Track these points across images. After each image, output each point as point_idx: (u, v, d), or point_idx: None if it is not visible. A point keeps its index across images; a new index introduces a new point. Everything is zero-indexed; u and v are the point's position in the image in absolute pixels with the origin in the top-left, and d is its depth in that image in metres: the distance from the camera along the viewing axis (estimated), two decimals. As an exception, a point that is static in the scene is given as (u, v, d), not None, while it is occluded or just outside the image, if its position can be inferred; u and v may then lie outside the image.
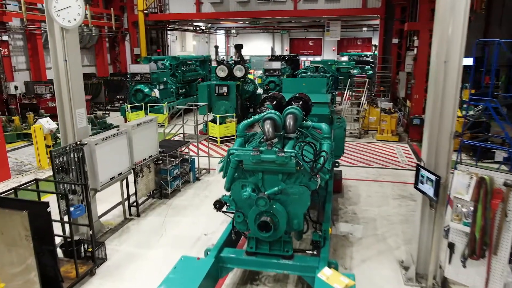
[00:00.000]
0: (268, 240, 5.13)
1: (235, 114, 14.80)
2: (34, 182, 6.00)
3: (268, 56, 31.90)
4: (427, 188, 5.20)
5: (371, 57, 30.74)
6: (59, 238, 6.09)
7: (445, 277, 5.42)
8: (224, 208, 5.26)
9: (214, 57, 33.50)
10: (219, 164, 5.51)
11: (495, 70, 10.39)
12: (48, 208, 5.06)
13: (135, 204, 8.22)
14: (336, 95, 20.43)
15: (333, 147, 6.46)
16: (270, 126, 5.26)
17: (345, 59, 30.96)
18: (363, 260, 6.52)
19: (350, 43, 45.41)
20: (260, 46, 46.22)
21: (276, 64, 20.28)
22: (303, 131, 6.03)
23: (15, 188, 5.65)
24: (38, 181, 6.02)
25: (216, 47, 35.93)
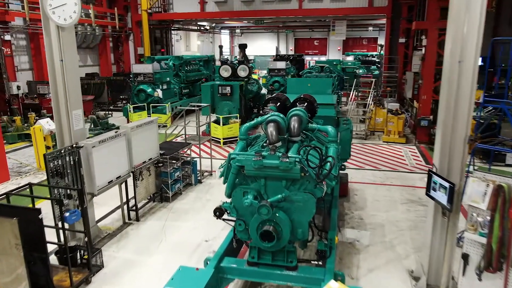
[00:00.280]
0: (270, 250, 4.86)
1: (239, 114, 14.53)
2: (28, 187, 5.77)
3: (272, 56, 31.66)
4: (440, 196, 4.90)
5: (376, 57, 30.38)
6: (54, 244, 5.85)
7: (458, 289, 5.13)
8: (224, 216, 5.00)
9: (218, 56, 33.27)
10: (219, 169, 5.25)
11: (502, 70, 10.03)
12: (40, 214, 4.82)
13: (134, 208, 7.98)
14: (342, 95, 20.16)
15: (339, 150, 6.18)
16: (273, 129, 5.00)
17: (350, 59, 30.65)
18: (370, 269, 6.22)
19: (356, 43, 45.02)
20: (264, 46, 45.96)
21: (281, 64, 19.99)
22: (308, 134, 5.76)
23: (7, 193, 5.42)
24: (32, 185, 5.79)
25: (220, 47, 35.70)
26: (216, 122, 14.33)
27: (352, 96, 17.39)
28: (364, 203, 8.84)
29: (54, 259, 6.09)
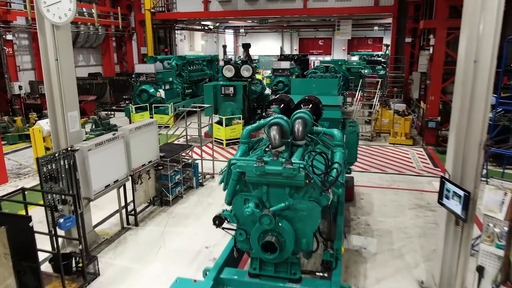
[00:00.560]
0: (273, 262, 4.58)
1: (242, 115, 14.26)
2: (21, 192, 5.53)
3: (277, 56, 31.40)
4: (454, 205, 4.61)
5: (382, 56, 30.02)
6: (47, 252, 5.61)
7: (472, 303, 4.83)
8: (224, 224, 4.74)
9: (222, 56, 33.03)
10: (220, 175, 4.99)
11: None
12: (30, 222, 4.58)
13: (133, 212, 7.73)
14: (347, 95, 19.85)
15: (346, 155, 5.90)
16: (276, 133, 4.75)
17: (355, 58, 30.34)
18: (378, 279, 5.93)
19: (361, 43, 44.64)
20: (269, 46, 45.69)
21: (285, 64, 19.73)
22: (313, 137, 5.49)
23: (-2, 198, 5.19)
24: (25, 190, 5.56)
25: (224, 47, 35.49)
26: (219, 123, 14.07)
27: (357, 96, 17.07)
28: (371, 208, 8.54)
29: (48, 267, 5.88)
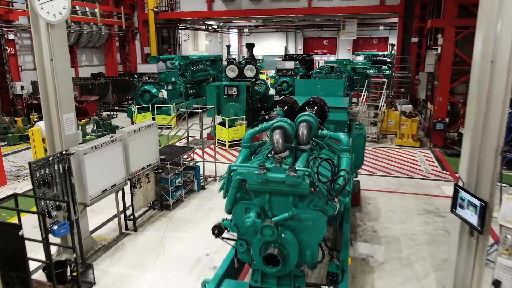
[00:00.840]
0: (275, 275, 4.32)
1: (245, 116, 14.00)
2: (13, 198, 5.30)
3: (281, 56, 31.09)
4: (469, 215, 4.32)
5: (388, 56, 29.65)
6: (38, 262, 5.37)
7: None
8: (224, 234, 4.48)
9: (226, 56, 32.81)
10: (219, 181, 4.73)
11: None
12: (20, 231, 4.35)
13: (132, 217, 7.49)
14: (352, 96, 19.54)
15: (353, 160, 5.62)
16: (279, 137, 4.46)
17: (360, 58, 30.00)
18: (386, 290, 5.66)
19: (366, 42, 44.28)
20: (273, 46, 45.45)
21: (289, 64, 19.45)
22: (318, 141, 5.22)
23: (-12, 205, 4.96)
24: (17, 196, 5.32)
25: (228, 46, 35.18)
26: (222, 124, 13.82)
27: (363, 97, 16.76)
28: (378, 213, 8.25)
29: (42, 275, 5.65)
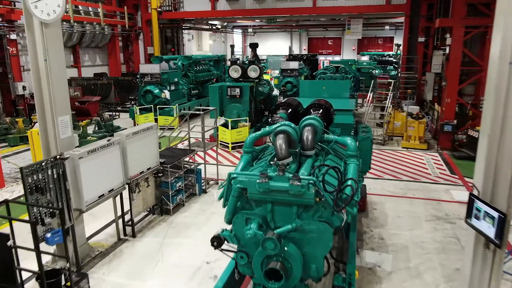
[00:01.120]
0: (278, 289, 4.06)
1: (249, 118, 13.74)
2: (5, 204, 5.08)
3: (285, 56, 30.83)
4: (486, 227, 4.03)
5: (393, 56, 29.29)
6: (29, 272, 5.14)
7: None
8: (224, 245, 4.23)
9: (230, 56, 32.57)
10: (219, 189, 4.48)
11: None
12: (8, 241, 4.13)
13: (130, 223, 7.26)
14: (357, 97, 19.23)
15: (360, 165, 5.35)
16: (283, 142, 4.20)
17: (365, 58, 29.63)
18: (395, 303, 5.39)
19: (371, 42, 43.84)
20: (277, 46, 45.14)
21: (294, 64, 19.14)
22: (324, 146, 4.95)
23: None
24: (9, 202, 5.10)
25: (231, 46, 34.96)
26: (225, 125, 13.58)
27: (369, 98, 16.44)
28: (385, 219, 7.96)
29: (36, 285, 5.42)
